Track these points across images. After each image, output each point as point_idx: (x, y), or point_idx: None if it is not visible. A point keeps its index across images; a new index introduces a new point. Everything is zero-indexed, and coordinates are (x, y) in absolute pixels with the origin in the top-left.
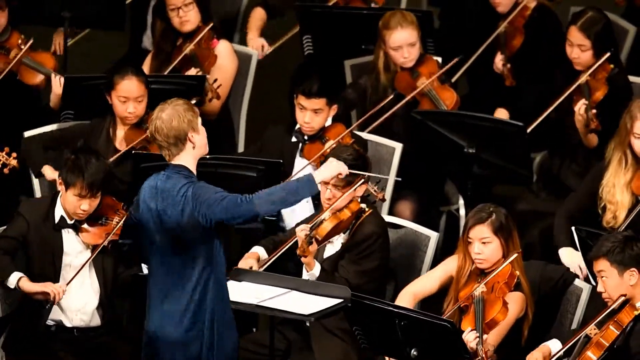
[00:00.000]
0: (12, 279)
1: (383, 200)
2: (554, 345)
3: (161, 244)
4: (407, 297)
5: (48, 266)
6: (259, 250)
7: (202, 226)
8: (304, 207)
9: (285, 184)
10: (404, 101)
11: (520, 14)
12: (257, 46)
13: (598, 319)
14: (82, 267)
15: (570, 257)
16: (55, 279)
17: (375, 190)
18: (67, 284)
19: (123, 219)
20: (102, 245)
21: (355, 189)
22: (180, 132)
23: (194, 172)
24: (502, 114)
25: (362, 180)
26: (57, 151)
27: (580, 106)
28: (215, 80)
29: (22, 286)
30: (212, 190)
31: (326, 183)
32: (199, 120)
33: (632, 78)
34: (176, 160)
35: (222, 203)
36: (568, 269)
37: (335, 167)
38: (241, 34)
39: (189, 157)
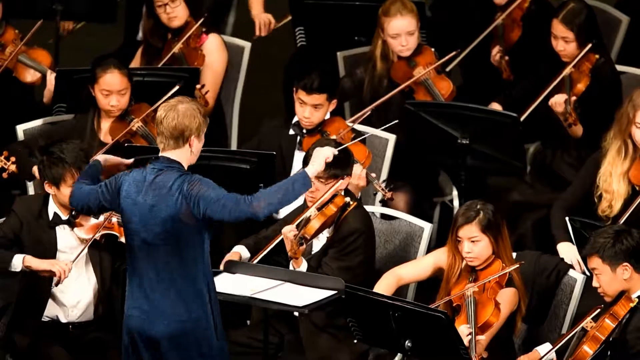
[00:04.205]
0: (16, 261)
1: (391, 199)
2: (543, 350)
3: (147, 238)
4: (392, 278)
5: None
6: (241, 250)
7: (196, 220)
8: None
9: (281, 184)
10: (399, 88)
11: (518, 6)
12: (264, 21)
13: (586, 320)
14: (77, 257)
15: (568, 252)
16: (51, 276)
17: (383, 189)
18: (73, 262)
19: (116, 215)
20: (93, 239)
21: (338, 183)
22: (186, 131)
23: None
24: (496, 107)
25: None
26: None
27: (557, 99)
28: (203, 86)
29: (29, 263)
30: (211, 187)
31: None
32: (205, 129)
33: (625, 68)
34: (170, 154)
35: (221, 201)
36: (562, 259)
37: (323, 155)
38: (233, 25)
39: (182, 157)
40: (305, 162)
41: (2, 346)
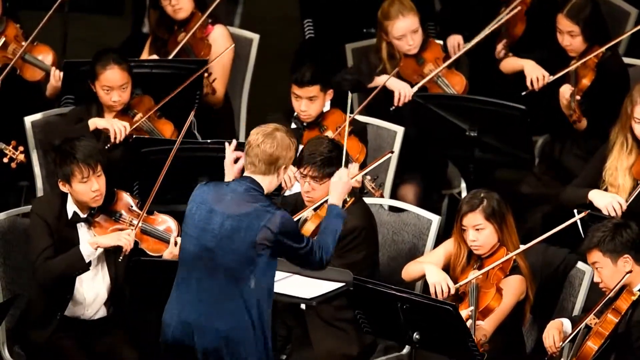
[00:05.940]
0: (86, 250)
1: (381, 197)
2: (567, 323)
3: (203, 245)
4: (417, 265)
5: None
6: None
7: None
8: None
9: (329, 226)
10: (408, 88)
11: (522, 1)
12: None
13: (602, 304)
14: (136, 226)
15: (604, 196)
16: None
17: (373, 188)
18: (134, 231)
19: (140, 219)
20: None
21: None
22: (280, 162)
23: None
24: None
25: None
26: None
27: (565, 90)
28: (210, 74)
29: (97, 244)
30: (299, 237)
31: (304, 176)
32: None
33: (633, 60)
34: (256, 177)
35: (306, 248)
36: (570, 252)
37: (344, 186)
38: (242, 16)
39: (267, 183)
40: (300, 160)
41: (11, 337)
